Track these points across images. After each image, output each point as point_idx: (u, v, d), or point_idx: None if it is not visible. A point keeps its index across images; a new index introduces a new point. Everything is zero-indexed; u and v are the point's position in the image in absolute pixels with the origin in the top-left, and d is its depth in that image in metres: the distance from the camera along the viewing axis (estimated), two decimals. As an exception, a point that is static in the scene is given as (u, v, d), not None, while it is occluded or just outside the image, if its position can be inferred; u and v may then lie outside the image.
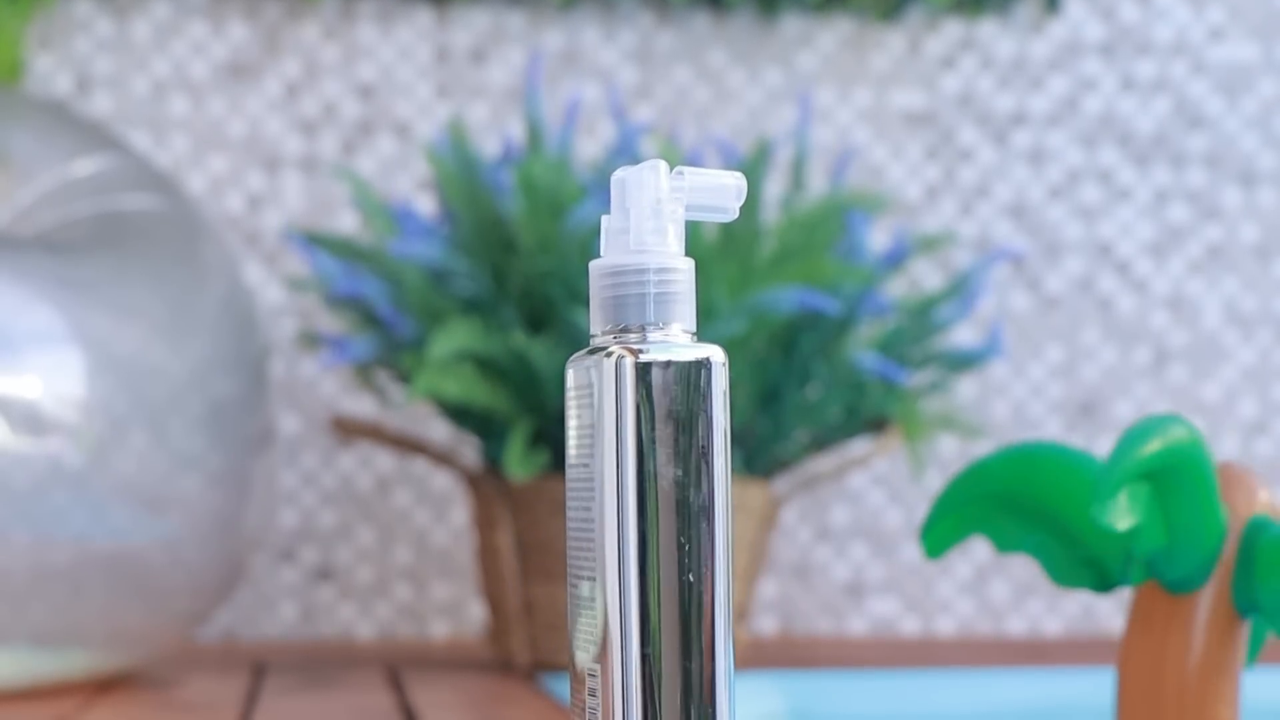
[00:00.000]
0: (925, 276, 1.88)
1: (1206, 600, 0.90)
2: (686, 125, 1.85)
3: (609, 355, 0.66)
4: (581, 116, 1.84)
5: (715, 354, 0.67)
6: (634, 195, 0.69)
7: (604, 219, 0.69)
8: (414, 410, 1.81)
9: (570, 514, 0.69)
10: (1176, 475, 0.88)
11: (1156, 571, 0.90)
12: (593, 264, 0.69)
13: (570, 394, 0.69)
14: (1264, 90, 1.92)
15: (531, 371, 1.44)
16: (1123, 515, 0.87)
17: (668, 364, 0.66)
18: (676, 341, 0.67)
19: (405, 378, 1.53)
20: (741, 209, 1.48)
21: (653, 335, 0.68)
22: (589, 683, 0.66)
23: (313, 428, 1.80)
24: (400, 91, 1.82)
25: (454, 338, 1.40)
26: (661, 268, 0.68)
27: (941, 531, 0.91)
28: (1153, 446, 0.86)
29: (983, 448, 1.88)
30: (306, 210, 1.81)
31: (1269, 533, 0.89)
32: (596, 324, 0.69)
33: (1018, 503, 0.92)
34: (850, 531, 1.86)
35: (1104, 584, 0.91)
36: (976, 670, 1.49)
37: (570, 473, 0.69)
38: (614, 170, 1.47)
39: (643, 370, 0.66)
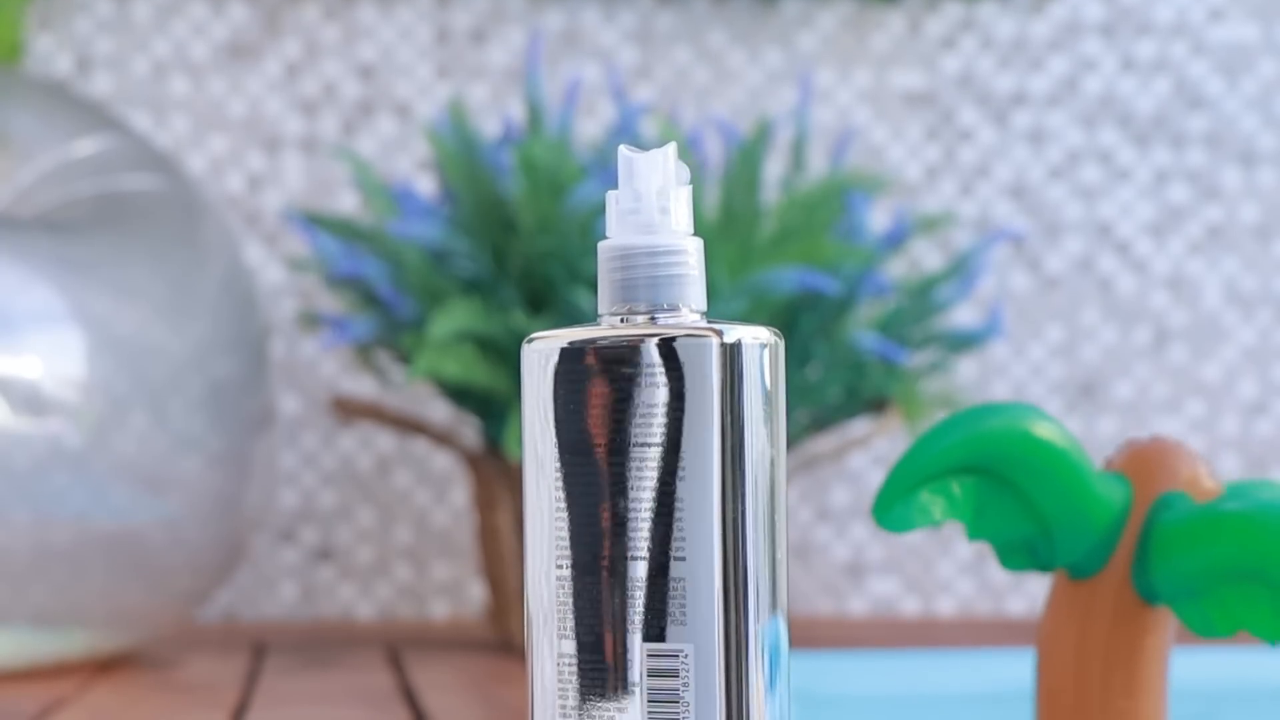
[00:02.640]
0: (925, 257, 1.88)
1: (1105, 586, 0.86)
2: (686, 106, 1.85)
3: (690, 336, 0.66)
4: (582, 97, 1.84)
5: (776, 336, 0.68)
6: (644, 176, 0.68)
7: (610, 197, 0.69)
8: (414, 390, 1.81)
9: (599, 498, 0.68)
10: (1017, 464, 0.83)
11: (1042, 559, 0.86)
12: (602, 244, 0.69)
13: (577, 374, 0.68)
14: (1264, 71, 1.92)
15: (532, 352, 1.44)
16: (916, 516, 0.83)
17: (751, 345, 0.66)
18: (690, 323, 0.67)
19: (405, 358, 1.53)
20: (742, 189, 1.48)
21: (664, 317, 0.68)
22: (654, 662, 0.66)
23: (313, 408, 1.80)
24: (400, 72, 1.82)
25: (454, 318, 1.40)
26: (673, 248, 0.68)
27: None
28: (947, 444, 0.82)
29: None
30: (307, 190, 1.81)
31: (1167, 513, 0.84)
32: (604, 304, 0.69)
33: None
34: (850, 512, 1.86)
35: (1041, 566, 0.88)
36: (977, 650, 1.49)
37: (582, 455, 0.68)
38: (614, 151, 1.47)
39: (730, 351, 0.66)
